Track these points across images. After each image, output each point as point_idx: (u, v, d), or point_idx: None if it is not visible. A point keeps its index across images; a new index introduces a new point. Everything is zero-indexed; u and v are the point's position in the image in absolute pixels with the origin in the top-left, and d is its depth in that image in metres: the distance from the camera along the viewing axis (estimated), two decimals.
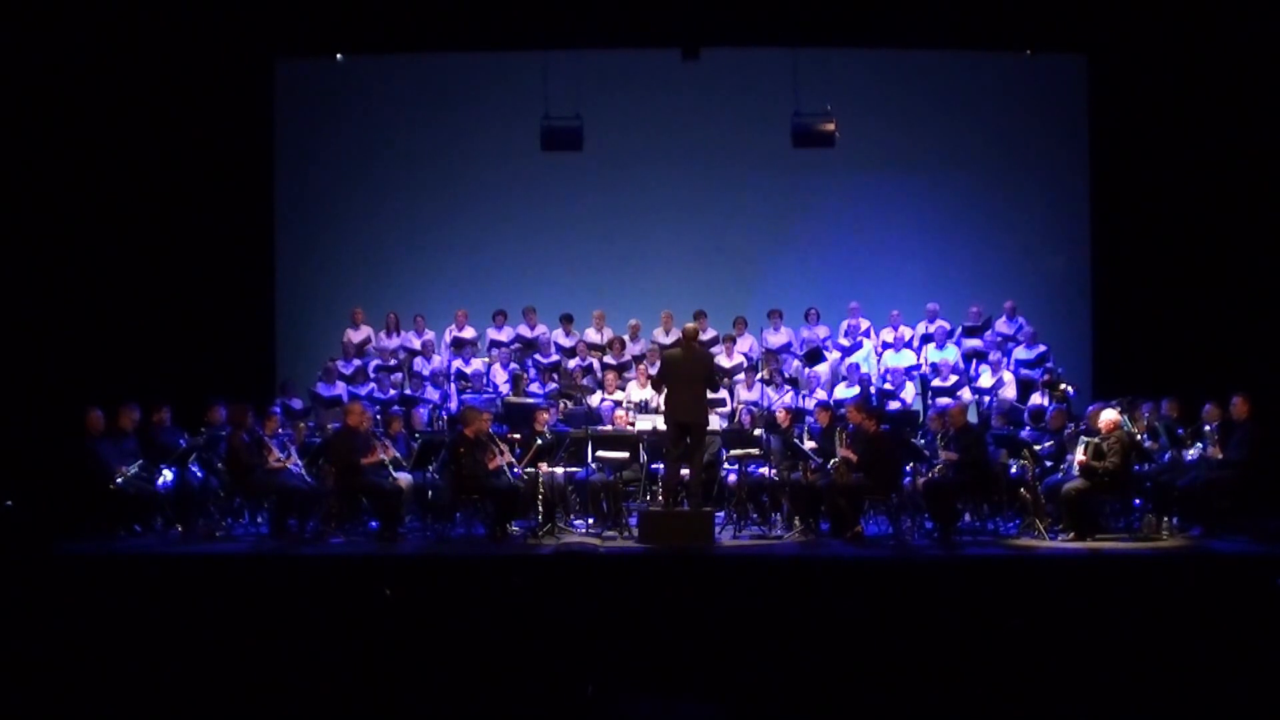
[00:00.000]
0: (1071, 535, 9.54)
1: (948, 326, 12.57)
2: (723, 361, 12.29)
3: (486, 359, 12.66)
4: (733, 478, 10.52)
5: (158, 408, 10.70)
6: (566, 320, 13.03)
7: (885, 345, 12.73)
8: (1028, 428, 11.05)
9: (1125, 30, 12.57)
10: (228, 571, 8.77)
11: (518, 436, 10.52)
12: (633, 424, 10.74)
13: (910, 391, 12.19)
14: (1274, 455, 9.72)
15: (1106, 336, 13.22)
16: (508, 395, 11.89)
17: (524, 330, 13.00)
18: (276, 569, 8.89)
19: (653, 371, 11.31)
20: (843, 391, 11.96)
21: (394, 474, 9.97)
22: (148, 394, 10.84)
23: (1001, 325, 12.69)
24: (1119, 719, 5.30)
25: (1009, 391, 11.86)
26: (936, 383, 12.12)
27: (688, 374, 9.77)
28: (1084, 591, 7.93)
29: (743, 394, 11.87)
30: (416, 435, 10.73)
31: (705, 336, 12.58)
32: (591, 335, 13.00)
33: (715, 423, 10.80)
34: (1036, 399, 11.58)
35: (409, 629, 6.54)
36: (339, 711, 5.35)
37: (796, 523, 10.08)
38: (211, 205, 13.00)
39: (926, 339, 12.52)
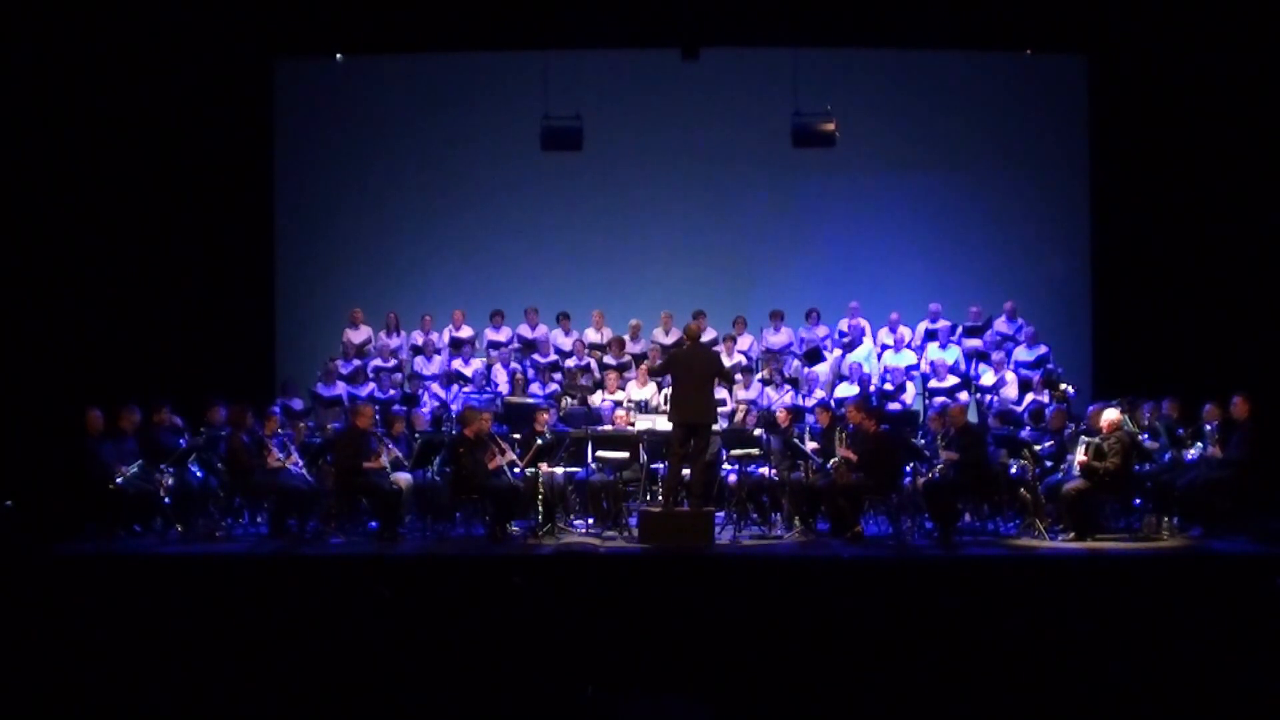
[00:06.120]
0: (1071, 535, 9.54)
1: (949, 324, 12.58)
2: (722, 360, 12.28)
3: (486, 359, 12.66)
4: (733, 478, 10.51)
5: (158, 408, 10.70)
6: (564, 318, 13.01)
7: (885, 347, 12.73)
8: (1028, 428, 11.04)
9: (1125, 30, 12.58)
10: (228, 571, 8.77)
11: (518, 436, 10.52)
12: (633, 424, 10.72)
13: (910, 391, 12.19)
14: (1274, 455, 9.71)
15: (1106, 336, 13.22)
16: (508, 395, 11.89)
17: (524, 330, 12.99)
18: (276, 569, 8.89)
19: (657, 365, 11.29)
20: (844, 391, 11.96)
21: (394, 474, 9.96)
22: (148, 394, 10.85)
23: (1001, 325, 12.68)
24: (1119, 719, 5.29)
25: (1010, 391, 11.86)
26: (934, 383, 12.11)
27: (694, 374, 9.74)
28: (1084, 591, 7.92)
29: (742, 394, 11.87)
30: (417, 435, 10.73)
31: (705, 337, 12.59)
32: (591, 335, 12.99)
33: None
34: (1030, 398, 11.56)
35: (409, 629, 6.53)
36: (339, 711, 5.34)
37: (796, 523, 10.08)
38: (211, 205, 13.01)
39: (930, 335, 12.51)
